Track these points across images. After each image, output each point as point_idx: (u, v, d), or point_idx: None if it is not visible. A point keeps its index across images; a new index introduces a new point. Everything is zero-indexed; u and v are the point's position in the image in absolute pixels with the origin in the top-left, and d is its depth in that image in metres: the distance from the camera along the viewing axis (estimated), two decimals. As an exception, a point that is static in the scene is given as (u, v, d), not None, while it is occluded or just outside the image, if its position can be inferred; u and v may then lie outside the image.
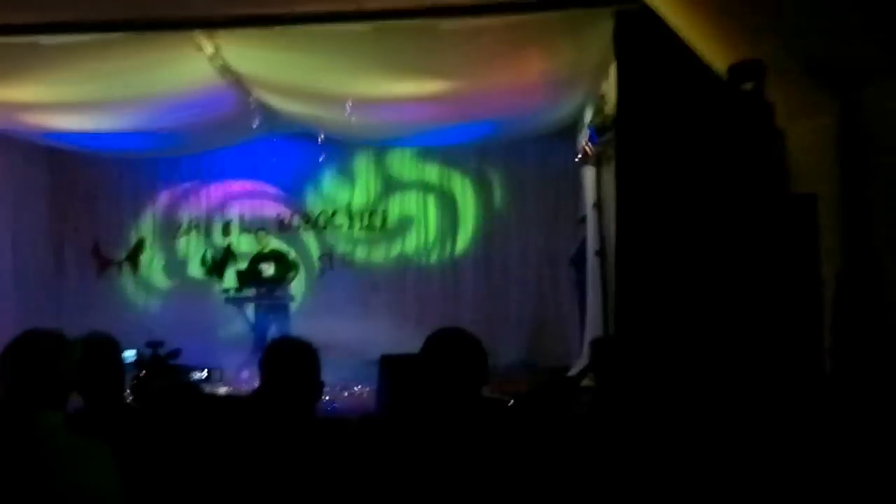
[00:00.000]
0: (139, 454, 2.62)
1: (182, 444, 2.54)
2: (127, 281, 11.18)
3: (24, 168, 10.30)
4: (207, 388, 7.35)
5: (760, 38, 4.59)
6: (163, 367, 8.08)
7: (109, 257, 11.18)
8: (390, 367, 7.21)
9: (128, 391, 3.82)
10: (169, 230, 11.28)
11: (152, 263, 11.25)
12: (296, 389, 2.91)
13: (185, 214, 11.30)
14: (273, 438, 2.83)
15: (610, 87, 6.55)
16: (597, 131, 7.28)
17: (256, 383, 3.00)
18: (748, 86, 4.49)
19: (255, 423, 2.89)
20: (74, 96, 7.45)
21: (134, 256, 11.21)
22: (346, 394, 8.59)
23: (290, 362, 2.96)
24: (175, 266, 11.25)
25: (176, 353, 8.58)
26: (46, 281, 10.73)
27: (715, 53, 4.95)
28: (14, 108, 7.88)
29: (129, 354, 7.40)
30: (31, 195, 10.53)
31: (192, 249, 11.24)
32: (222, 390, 7.59)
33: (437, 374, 2.86)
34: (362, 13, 5.76)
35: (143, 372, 7.61)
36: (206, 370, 8.95)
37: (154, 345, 8.38)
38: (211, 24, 5.99)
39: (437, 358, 2.89)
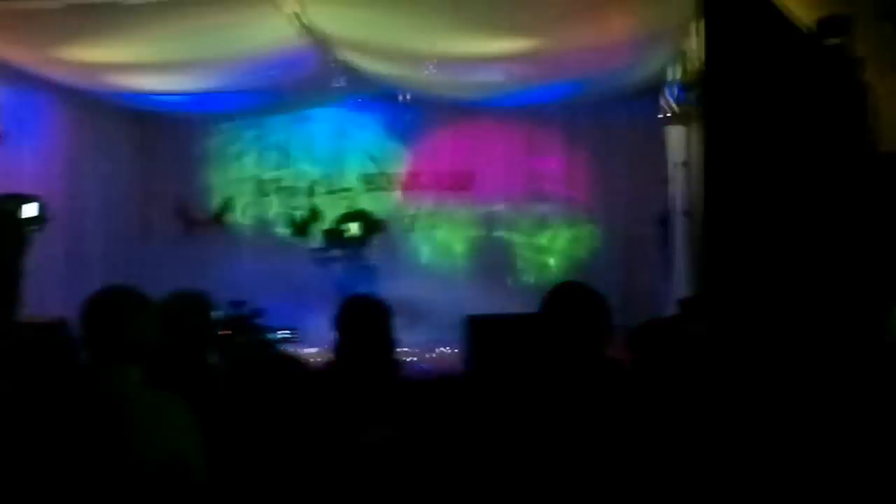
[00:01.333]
0: (217, 412, 2.68)
1: (260, 402, 2.60)
2: (214, 240, 11.32)
3: (110, 129, 10.49)
4: (291, 348, 7.48)
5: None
6: (246, 325, 8.26)
7: (196, 217, 11.40)
8: (476, 328, 7.25)
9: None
10: (255, 190, 11.44)
11: (239, 223, 11.44)
12: (369, 345, 2.96)
13: (271, 174, 11.42)
14: (351, 394, 2.88)
15: (693, 45, 6.42)
16: (682, 89, 7.14)
17: None
18: (835, 41, 4.36)
19: (333, 380, 2.95)
20: (156, 57, 7.55)
21: (220, 216, 11.40)
22: (431, 355, 8.67)
23: (363, 319, 3.00)
24: (262, 226, 11.41)
25: (259, 312, 8.76)
26: (134, 240, 10.96)
27: (802, 9, 4.81)
28: (97, 68, 8.00)
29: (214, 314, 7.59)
30: (118, 156, 10.70)
31: (279, 209, 11.40)
32: (306, 350, 7.71)
33: (560, 330, 2.77)
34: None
35: (227, 331, 7.80)
36: (288, 330, 8.99)
37: (237, 304, 8.57)
38: None
39: (560, 313, 2.80)
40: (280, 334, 8.85)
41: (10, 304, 2.06)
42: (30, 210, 2.06)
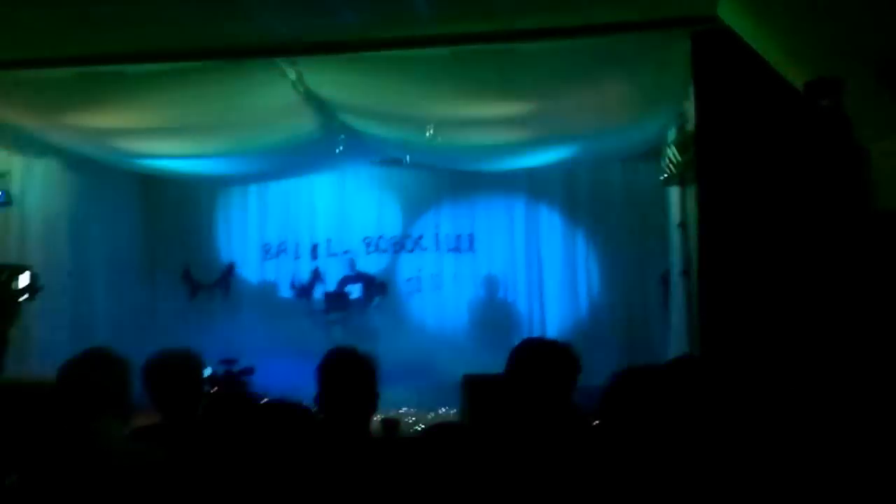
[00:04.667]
0: (203, 466, 2.72)
1: (237, 453, 2.63)
2: (218, 304, 11.46)
3: (117, 192, 10.64)
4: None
5: (837, 53, 4.54)
6: (235, 383, 8.25)
7: (200, 281, 11.51)
8: (473, 388, 7.25)
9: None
10: (258, 253, 11.56)
11: (242, 286, 11.53)
12: (351, 398, 2.96)
13: (274, 237, 11.56)
14: (329, 449, 2.88)
15: (691, 107, 6.53)
16: (678, 150, 7.23)
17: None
18: (826, 102, 4.44)
19: (311, 433, 2.94)
20: (161, 122, 7.68)
21: (224, 280, 11.51)
22: (430, 415, 8.65)
23: (346, 371, 3.00)
24: (264, 288, 11.51)
25: (249, 369, 8.76)
26: (140, 304, 11.03)
27: (792, 70, 4.91)
28: (104, 133, 8.15)
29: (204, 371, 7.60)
30: (124, 218, 10.85)
31: (282, 272, 11.49)
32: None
33: (523, 380, 2.82)
34: (440, 38, 5.87)
35: (215, 388, 7.79)
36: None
37: (228, 361, 8.60)
38: (291, 51, 6.13)
39: (522, 364, 2.86)
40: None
41: None
42: (23, 280, 2.18)
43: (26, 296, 2.29)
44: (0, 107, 7.33)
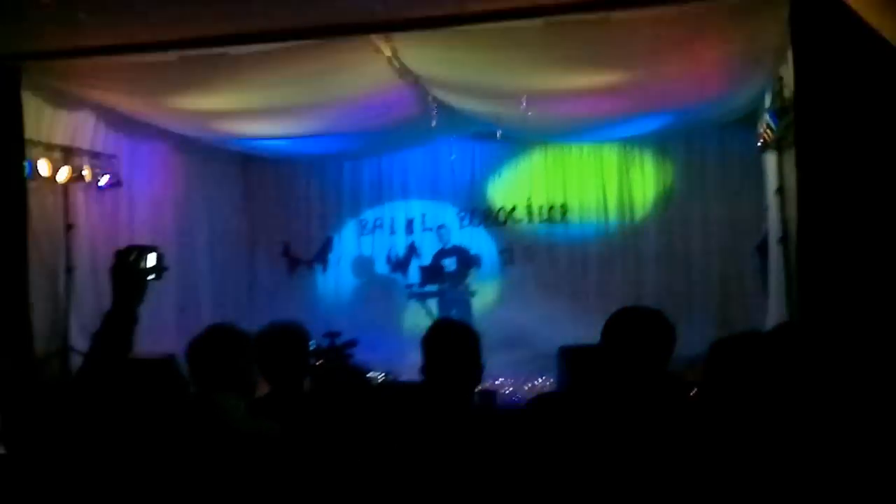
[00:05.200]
0: (312, 438, 2.82)
1: (346, 425, 2.71)
2: (316, 279, 11.76)
3: (219, 172, 11.03)
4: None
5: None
6: (339, 356, 8.44)
7: (299, 257, 11.80)
8: (570, 358, 7.30)
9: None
10: (355, 229, 11.79)
11: (339, 261, 11.78)
12: (455, 369, 3.00)
13: (371, 213, 11.78)
14: (434, 419, 2.92)
15: (788, 71, 6.39)
16: (776, 116, 7.10)
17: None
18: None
19: (418, 404, 3.00)
20: (262, 103, 7.87)
21: (322, 255, 11.78)
22: (527, 386, 8.72)
23: (452, 342, 3.05)
24: (361, 263, 11.73)
25: (352, 342, 8.95)
26: (241, 278, 11.43)
27: (893, 28, 4.76)
28: (207, 116, 8.40)
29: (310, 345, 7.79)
30: (227, 198, 11.25)
31: (378, 247, 11.70)
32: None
33: (619, 350, 2.80)
34: (534, 9, 5.86)
35: (321, 360, 7.99)
36: (383, 373, 8.82)
37: (331, 335, 8.80)
38: (387, 27, 6.19)
39: (618, 333, 2.83)
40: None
41: (126, 348, 2.29)
42: (150, 260, 2.31)
43: (153, 275, 2.41)
44: (106, 91, 7.64)
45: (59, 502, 2.24)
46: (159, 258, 2.59)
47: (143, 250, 2.56)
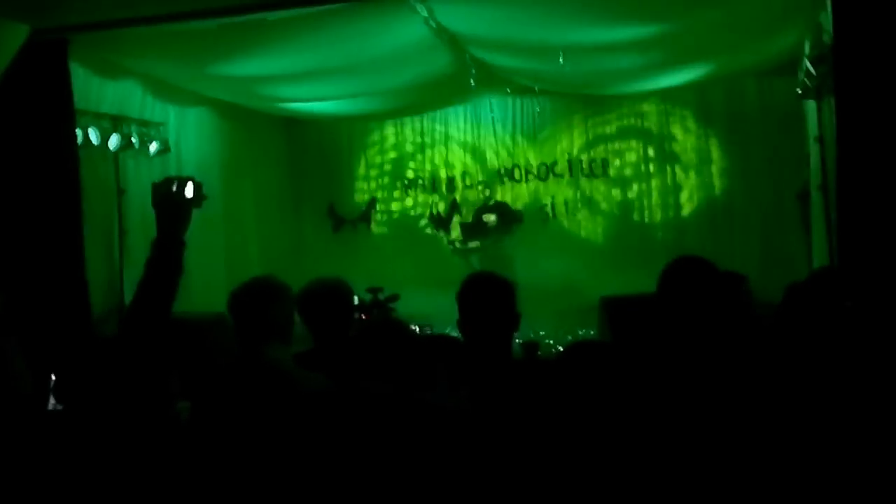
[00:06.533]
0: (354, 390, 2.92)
1: (385, 376, 2.77)
2: (361, 237, 11.94)
3: (264, 135, 11.19)
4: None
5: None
6: (382, 310, 8.61)
7: (343, 216, 12.00)
8: (612, 309, 7.39)
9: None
10: (398, 187, 11.94)
11: (383, 219, 11.97)
12: (492, 319, 3.00)
13: (413, 171, 11.91)
14: (473, 369, 2.95)
15: (827, 17, 6.32)
16: (815, 63, 7.03)
17: None
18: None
19: (455, 355, 3.05)
20: (301, 67, 7.95)
21: (366, 214, 11.98)
22: (569, 338, 8.84)
23: (485, 293, 3.06)
24: (404, 221, 11.91)
25: (394, 297, 9.12)
26: (287, 238, 11.64)
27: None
28: (248, 81, 8.52)
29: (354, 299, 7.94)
30: (272, 160, 11.45)
31: (420, 204, 11.85)
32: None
33: (674, 307, 2.81)
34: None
35: (365, 314, 8.14)
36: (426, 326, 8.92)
37: (374, 290, 8.97)
38: None
39: (673, 290, 2.84)
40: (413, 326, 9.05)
41: (177, 272, 2.36)
42: (189, 190, 2.39)
43: (195, 203, 2.51)
44: (150, 60, 7.77)
45: (115, 459, 2.34)
46: (197, 187, 2.67)
47: (183, 180, 2.66)
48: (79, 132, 7.01)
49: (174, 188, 2.58)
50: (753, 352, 2.89)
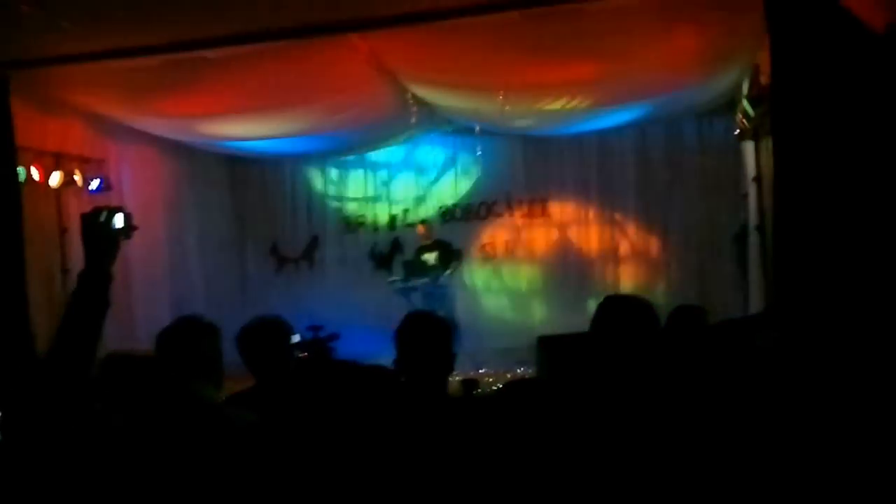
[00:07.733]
0: (293, 426, 2.89)
1: (322, 414, 2.74)
2: (303, 275, 11.87)
3: (207, 174, 11.10)
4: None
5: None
6: (321, 348, 8.52)
7: (286, 255, 11.93)
8: (549, 348, 7.40)
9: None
10: (340, 226, 11.90)
11: (326, 258, 11.91)
12: (428, 359, 3.05)
13: (354, 210, 11.91)
14: (409, 407, 2.97)
15: (765, 58, 6.42)
16: (752, 103, 7.16)
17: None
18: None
19: (390, 394, 3.07)
20: (242, 105, 7.95)
21: (309, 253, 11.93)
22: (508, 376, 8.84)
23: (423, 333, 3.10)
24: (346, 260, 11.86)
25: (335, 335, 9.04)
26: (230, 276, 11.55)
27: (873, 13, 4.77)
28: (189, 119, 8.48)
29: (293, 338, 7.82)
30: (215, 199, 11.35)
31: (362, 243, 11.83)
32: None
33: (611, 335, 2.86)
34: (509, 3, 5.87)
35: (304, 353, 8.05)
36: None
37: (314, 328, 8.89)
38: (363, 25, 6.18)
39: (605, 325, 2.89)
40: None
41: (104, 305, 2.30)
42: (119, 221, 2.33)
43: (124, 235, 2.45)
44: (91, 97, 7.69)
45: (54, 492, 2.29)
46: (127, 217, 2.62)
47: (112, 210, 2.60)
48: (20, 170, 6.88)
49: (102, 219, 2.52)
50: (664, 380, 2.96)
